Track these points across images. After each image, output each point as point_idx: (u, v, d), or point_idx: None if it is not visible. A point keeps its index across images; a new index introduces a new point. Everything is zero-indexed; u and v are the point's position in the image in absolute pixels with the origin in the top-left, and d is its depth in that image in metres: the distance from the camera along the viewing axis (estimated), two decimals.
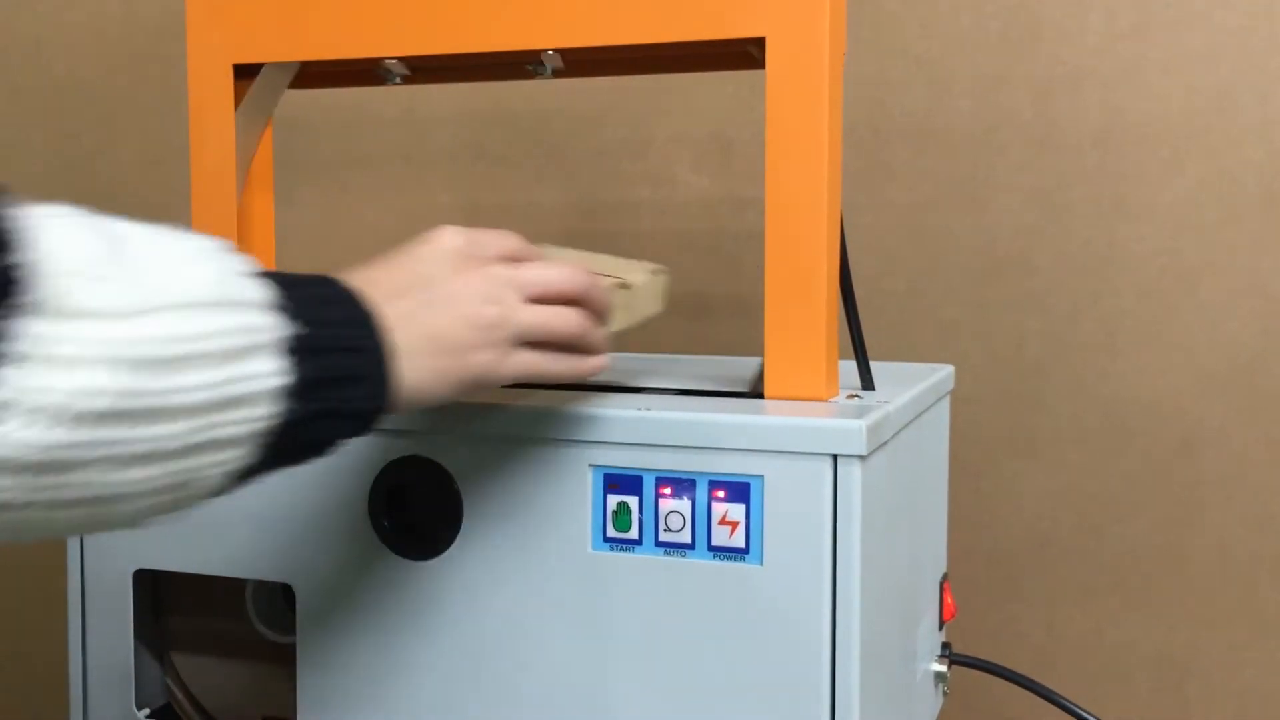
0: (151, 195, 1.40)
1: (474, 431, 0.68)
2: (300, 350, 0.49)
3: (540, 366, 0.61)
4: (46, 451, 0.40)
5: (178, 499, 0.46)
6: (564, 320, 0.61)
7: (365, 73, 0.85)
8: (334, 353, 0.50)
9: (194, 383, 0.44)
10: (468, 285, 0.58)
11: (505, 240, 0.63)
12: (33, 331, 0.39)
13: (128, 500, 0.44)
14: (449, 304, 0.57)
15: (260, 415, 0.47)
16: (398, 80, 0.83)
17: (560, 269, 0.62)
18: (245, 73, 0.82)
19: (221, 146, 0.82)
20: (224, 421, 0.45)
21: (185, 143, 0.84)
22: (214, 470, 0.46)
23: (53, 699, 1.47)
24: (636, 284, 0.71)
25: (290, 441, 0.49)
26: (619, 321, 0.69)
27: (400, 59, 0.80)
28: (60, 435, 0.40)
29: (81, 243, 0.42)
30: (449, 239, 0.60)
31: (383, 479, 0.70)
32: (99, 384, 0.40)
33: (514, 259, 0.62)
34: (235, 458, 0.47)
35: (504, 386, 0.62)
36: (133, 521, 0.46)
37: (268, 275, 0.50)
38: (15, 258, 0.39)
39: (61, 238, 0.41)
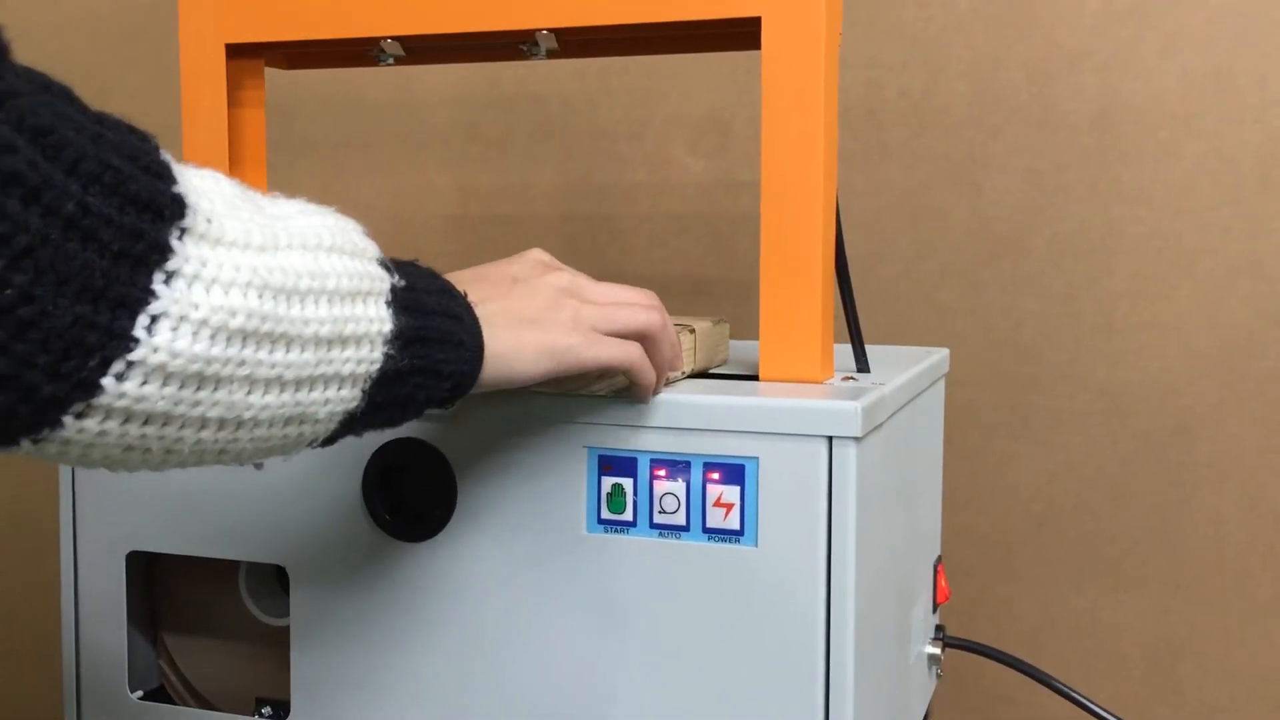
0: None
1: (468, 413, 0.68)
2: (405, 306, 0.53)
3: (627, 354, 0.62)
4: (192, 362, 0.43)
5: (290, 436, 0.50)
6: (637, 315, 0.64)
7: (358, 53, 0.84)
8: (434, 315, 0.54)
9: (318, 315, 0.48)
10: (549, 280, 0.63)
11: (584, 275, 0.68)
12: (186, 253, 0.42)
13: (252, 427, 0.47)
14: (532, 292, 0.62)
15: (369, 357, 0.51)
16: (390, 61, 0.82)
17: (638, 290, 0.66)
18: (238, 52, 0.82)
19: (214, 126, 0.82)
20: (339, 358, 0.50)
21: (177, 123, 0.83)
22: (325, 408, 0.50)
23: (46, 681, 1.47)
24: (699, 328, 0.73)
25: (388, 392, 0.53)
26: (686, 365, 0.71)
27: (395, 39, 0.79)
28: (203, 348, 0.43)
29: (222, 185, 0.46)
30: (537, 253, 0.65)
31: (377, 460, 0.70)
32: (238, 304, 0.44)
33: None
34: (344, 398, 0.51)
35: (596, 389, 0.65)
36: (252, 455, 0.50)
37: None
38: (173, 189, 0.42)
39: (203, 178, 0.46)
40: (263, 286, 0.45)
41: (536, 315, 0.60)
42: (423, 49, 0.84)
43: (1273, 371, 1.09)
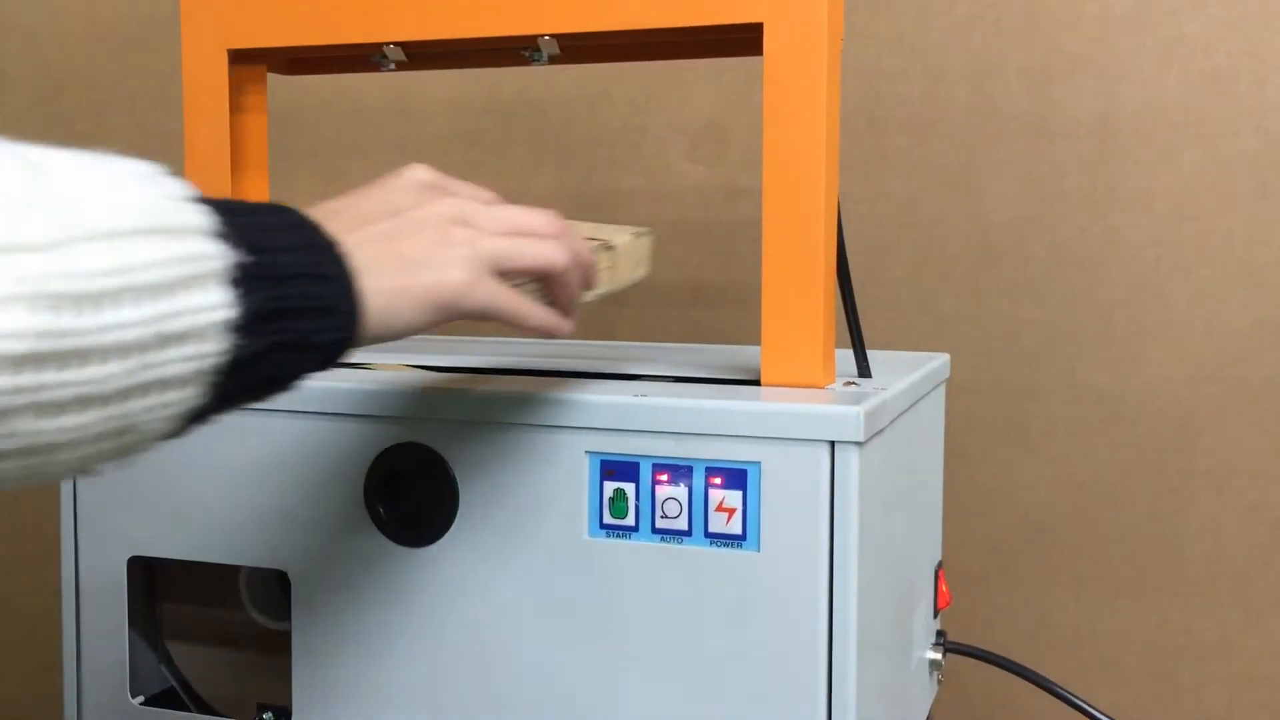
0: None
1: (470, 417, 0.68)
2: (250, 279, 0.45)
3: (513, 302, 0.56)
4: None
5: (123, 445, 0.43)
6: (541, 251, 0.57)
7: (360, 59, 0.84)
8: (290, 280, 0.46)
9: (128, 319, 0.40)
10: (436, 209, 0.55)
11: (479, 190, 0.60)
12: None
13: (65, 449, 0.41)
14: (416, 226, 0.54)
15: (207, 351, 0.43)
16: (392, 66, 0.82)
17: (539, 212, 0.59)
18: (240, 59, 0.82)
19: (215, 133, 0.82)
20: (166, 360, 0.42)
21: (178, 129, 0.83)
22: (159, 413, 0.43)
23: (47, 687, 1.47)
24: (619, 245, 0.68)
25: (243, 379, 0.46)
26: (602, 284, 0.66)
27: (397, 44, 0.79)
28: None
29: None
30: (420, 173, 0.58)
31: (378, 465, 0.70)
32: (17, 325, 0.37)
33: (487, 202, 0.59)
34: (182, 399, 0.43)
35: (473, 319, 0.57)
36: (80, 469, 0.43)
37: (212, 202, 0.46)
38: None
39: None
40: (49, 297, 0.38)
41: (422, 255, 0.53)
42: (424, 55, 0.84)
43: (1271, 379, 1.10)
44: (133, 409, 0.42)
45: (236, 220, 0.45)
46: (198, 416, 0.45)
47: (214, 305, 0.43)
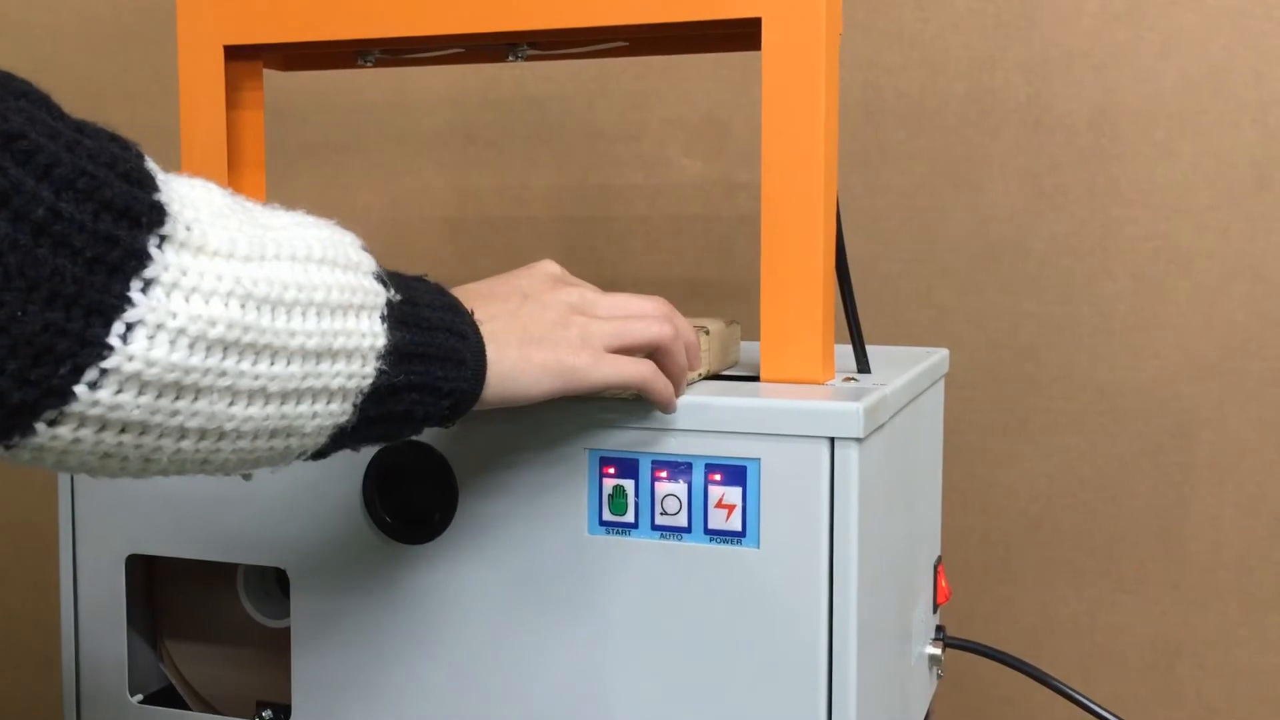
0: None
1: (468, 415, 0.67)
2: (402, 321, 0.52)
3: (639, 372, 0.61)
4: (169, 371, 0.42)
5: (277, 448, 0.49)
6: (649, 328, 0.63)
7: (342, 55, 0.84)
8: (433, 330, 0.53)
9: (304, 328, 0.47)
10: (558, 296, 0.62)
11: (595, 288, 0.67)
12: (164, 261, 0.42)
13: (234, 438, 0.47)
14: (541, 308, 0.61)
15: (360, 372, 0.50)
16: (370, 63, 0.82)
17: (648, 298, 0.65)
18: (236, 54, 0.82)
19: (212, 129, 0.82)
20: (327, 372, 0.49)
21: (175, 125, 0.83)
22: (313, 422, 0.49)
23: (46, 685, 1.47)
24: (714, 330, 0.72)
25: (382, 407, 0.52)
26: (703, 365, 0.70)
27: (387, 40, 0.79)
28: (181, 357, 0.42)
29: (212, 195, 0.46)
30: (547, 266, 0.64)
31: (377, 462, 0.69)
32: (219, 313, 0.43)
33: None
34: (333, 412, 0.50)
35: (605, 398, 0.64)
36: (238, 465, 0.49)
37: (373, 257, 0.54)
38: (153, 196, 0.42)
39: (192, 188, 0.45)
40: (245, 296, 0.44)
41: (544, 333, 0.59)
42: (407, 51, 0.84)
43: (1271, 372, 1.10)
44: (294, 411, 0.48)
45: (394, 274, 0.54)
46: (341, 437, 0.52)
47: (371, 333, 0.50)
